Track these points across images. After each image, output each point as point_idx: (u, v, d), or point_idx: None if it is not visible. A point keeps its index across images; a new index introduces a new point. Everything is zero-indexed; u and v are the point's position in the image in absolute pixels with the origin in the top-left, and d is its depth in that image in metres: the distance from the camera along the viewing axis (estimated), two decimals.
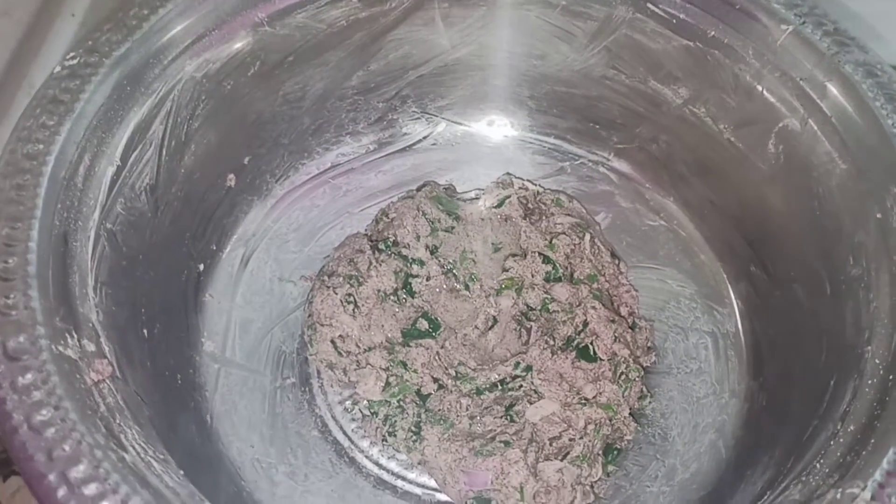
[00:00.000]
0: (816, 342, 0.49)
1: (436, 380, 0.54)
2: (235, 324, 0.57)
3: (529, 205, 0.61)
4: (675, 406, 0.55)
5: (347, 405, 0.55)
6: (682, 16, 0.55)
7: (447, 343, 0.55)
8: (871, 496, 0.36)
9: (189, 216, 0.56)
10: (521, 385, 0.53)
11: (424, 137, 0.66)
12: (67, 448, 0.36)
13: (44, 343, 0.39)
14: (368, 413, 0.54)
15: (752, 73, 0.53)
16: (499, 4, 0.59)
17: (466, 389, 0.53)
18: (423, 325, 0.55)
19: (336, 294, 0.55)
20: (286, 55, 0.57)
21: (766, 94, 0.53)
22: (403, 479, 0.52)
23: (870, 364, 0.43)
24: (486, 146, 0.67)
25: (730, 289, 0.60)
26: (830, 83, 0.50)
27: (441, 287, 0.58)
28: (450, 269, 0.58)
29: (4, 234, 0.41)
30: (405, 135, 0.66)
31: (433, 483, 0.52)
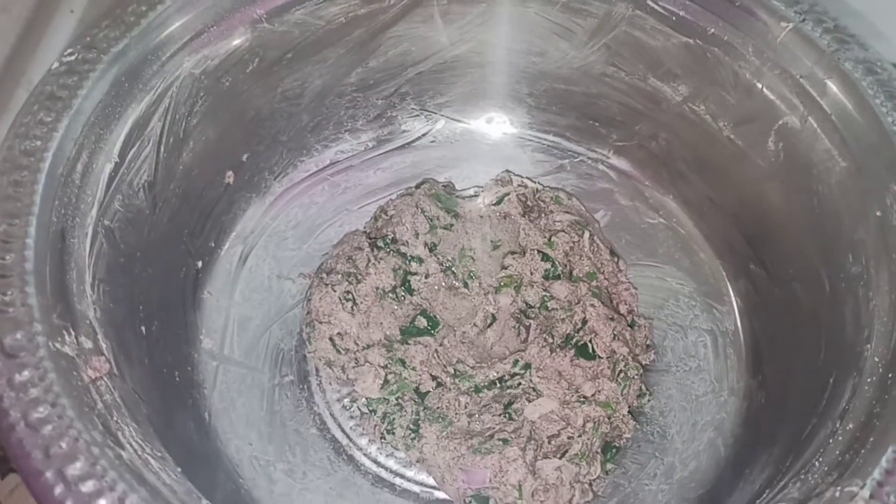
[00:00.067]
0: (816, 340, 0.49)
1: (434, 377, 0.53)
2: (234, 321, 0.57)
3: (528, 202, 0.61)
4: (674, 404, 0.55)
5: (346, 403, 0.55)
6: (682, 13, 0.55)
7: (446, 341, 0.55)
8: (870, 494, 0.36)
9: (187, 213, 0.56)
10: (520, 383, 0.52)
11: (423, 135, 0.66)
12: (64, 445, 0.36)
13: (41, 340, 0.39)
14: (367, 411, 0.54)
15: (752, 71, 0.53)
16: (498, 1, 0.59)
17: (465, 387, 0.53)
18: (422, 323, 0.55)
19: (335, 291, 0.55)
20: (285, 52, 0.57)
21: (766, 92, 0.53)
22: (402, 477, 0.52)
23: (869, 362, 0.43)
24: (486, 143, 0.66)
25: (729, 287, 0.59)
26: (830, 80, 0.50)
27: (440, 285, 0.57)
28: (448, 267, 0.58)
29: (1, 231, 0.41)
30: (404, 132, 0.66)
31: (431, 481, 0.52)
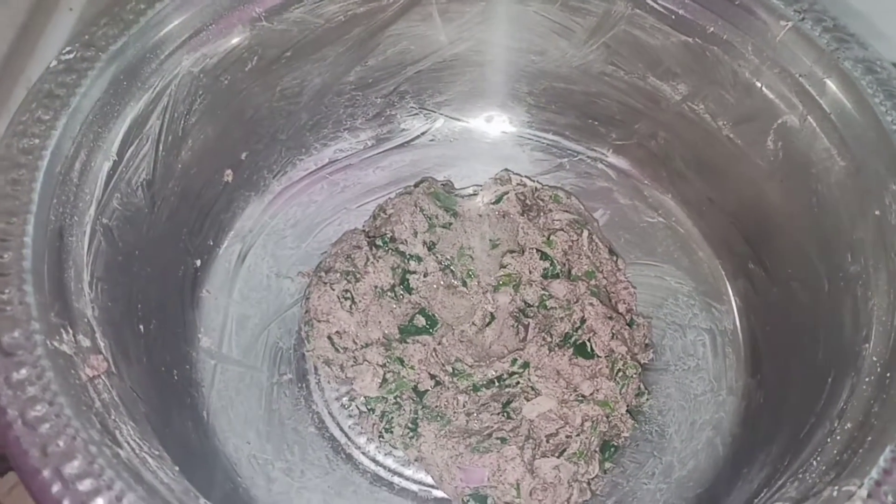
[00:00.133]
0: (814, 340, 0.49)
1: (433, 376, 0.53)
2: (232, 320, 0.57)
3: (527, 201, 0.61)
4: (673, 403, 0.55)
5: (344, 401, 0.55)
6: (681, 12, 0.55)
7: (444, 339, 0.55)
8: (868, 494, 0.36)
9: (186, 212, 0.56)
10: (518, 382, 0.52)
11: (422, 133, 0.66)
12: (62, 444, 0.36)
13: (39, 338, 0.39)
14: (365, 409, 0.54)
15: (752, 70, 0.53)
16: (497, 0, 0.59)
17: (463, 386, 0.53)
18: (421, 322, 0.55)
19: (333, 290, 0.55)
20: (284, 50, 0.57)
21: (765, 91, 0.53)
22: (400, 476, 0.52)
23: (867, 362, 0.43)
24: (485, 142, 0.66)
25: (728, 286, 0.59)
26: (830, 80, 0.50)
27: (438, 283, 0.57)
28: (447, 266, 0.58)
29: (0, 229, 0.41)
30: (403, 131, 0.66)
31: (430, 480, 0.52)
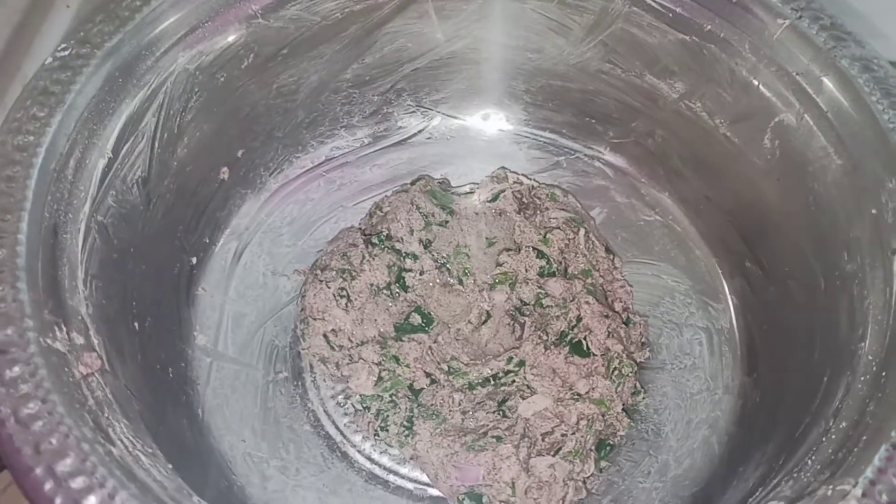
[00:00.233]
0: (810, 338, 0.49)
1: (428, 374, 0.53)
2: (228, 317, 0.57)
3: (524, 199, 0.61)
4: (669, 402, 0.55)
5: (340, 400, 0.55)
6: (679, 9, 0.55)
7: (440, 338, 0.55)
8: (862, 493, 0.36)
9: (182, 209, 0.56)
10: (514, 380, 0.52)
11: (420, 131, 0.66)
12: (54, 442, 0.36)
13: (32, 336, 0.39)
14: (361, 408, 0.54)
15: (749, 68, 0.53)
16: None
17: (459, 384, 0.53)
18: (416, 320, 0.55)
19: (329, 288, 0.55)
20: (280, 48, 0.57)
21: (763, 89, 0.53)
22: (395, 474, 0.52)
23: (863, 360, 0.43)
24: (482, 140, 0.66)
25: (725, 284, 0.59)
26: (827, 78, 0.50)
27: (434, 281, 0.57)
28: (443, 264, 0.58)
29: None
30: (400, 128, 0.66)
31: (425, 478, 0.52)
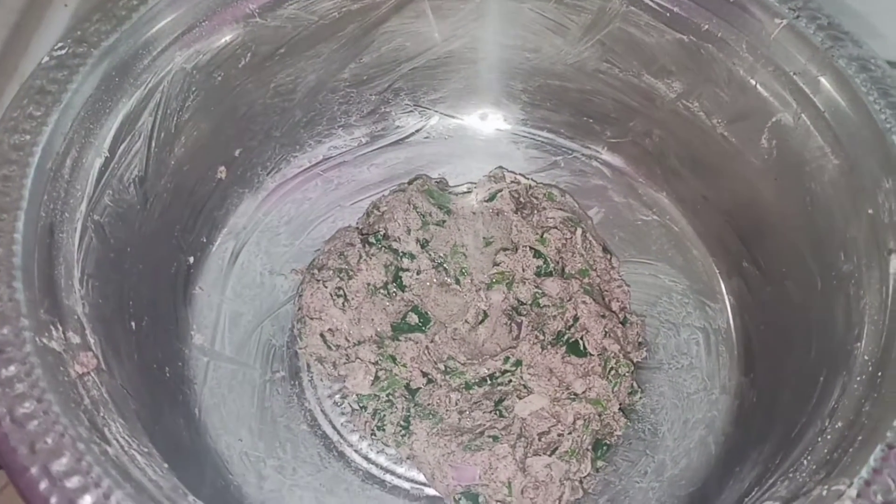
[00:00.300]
0: (807, 338, 0.49)
1: (425, 374, 0.53)
2: (225, 317, 0.57)
3: (521, 199, 0.61)
4: (666, 402, 0.55)
5: (337, 399, 0.55)
6: (676, 9, 0.54)
7: (437, 337, 0.55)
8: (857, 493, 0.36)
9: (179, 208, 0.56)
10: (511, 380, 0.52)
11: (417, 131, 0.66)
12: (50, 441, 0.36)
13: (28, 335, 0.39)
14: (357, 407, 0.54)
15: (746, 68, 0.53)
16: None
17: (456, 384, 0.53)
18: (413, 319, 0.55)
19: (326, 287, 0.55)
20: (277, 47, 0.57)
21: (760, 89, 0.53)
22: (392, 474, 0.52)
23: (859, 361, 0.42)
24: (479, 140, 0.66)
25: (722, 284, 0.59)
26: (824, 77, 0.50)
27: (431, 281, 0.57)
28: (440, 263, 0.58)
29: None
30: (398, 128, 0.66)
31: (422, 477, 0.52)
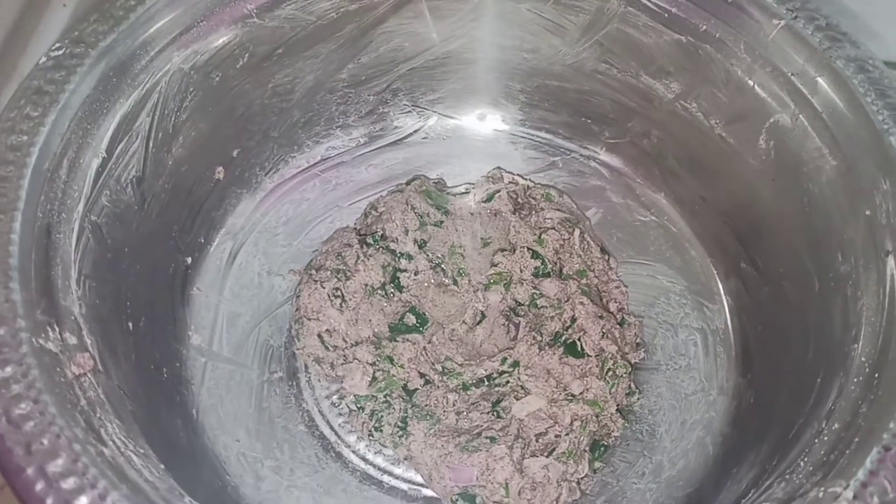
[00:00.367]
0: (804, 339, 0.49)
1: (422, 375, 0.53)
2: (223, 317, 0.57)
3: (519, 199, 0.61)
4: (664, 403, 0.55)
5: (335, 400, 0.55)
6: (674, 10, 0.54)
7: (434, 338, 0.55)
8: (854, 495, 0.36)
9: (177, 209, 0.56)
10: (508, 381, 0.52)
11: (415, 131, 0.66)
12: (46, 442, 0.36)
13: (24, 336, 0.39)
14: (355, 408, 0.54)
15: (744, 68, 0.53)
16: None
17: (453, 385, 0.53)
18: (411, 320, 0.55)
19: (323, 288, 0.55)
20: (275, 47, 0.57)
21: (758, 89, 0.53)
22: (389, 475, 0.52)
23: (856, 362, 0.42)
24: (478, 140, 0.66)
25: (720, 285, 0.59)
26: (821, 78, 0.50)
27: (429, 282, 0.57)
28: (438, 264, 0.58)
29: None
30: (396, 128, 0.66)
31: (419, 478, 0.52)
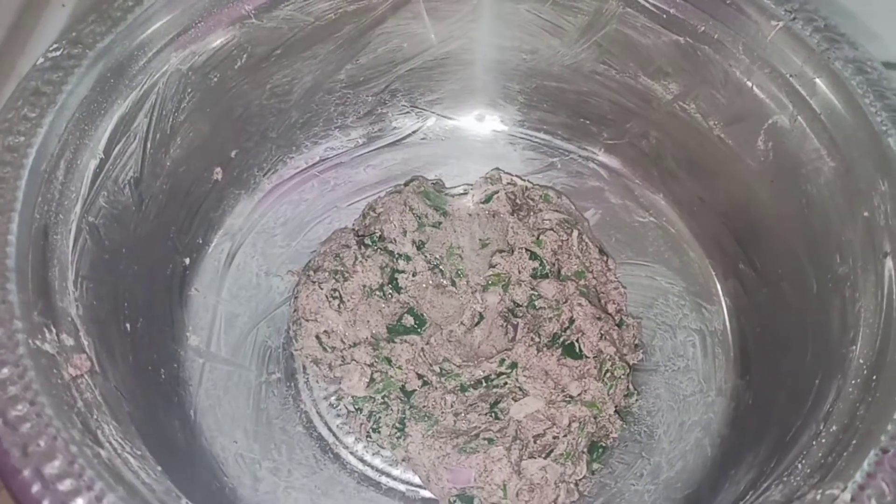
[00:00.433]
0: (802, 341, 0.49)
1: (420, 376, 0.53)
2: (221, 318, 0.57)
3: (517, 200, 0.61)
4: (662, 404, 0.55)
5: (333, 401, 0.54)
6: (673, 11, 0.54)
7: (432, 339, 0.55)
8: (851, 498, 0.36)
9: (175, 210, 0.56)
10: (506, 382, 0.52)
11: (414, 132, 0.66)
12: (42, 444, 0.36)
13: (21, 337, 0.38)
14: (353, 409, 0.53)
15: (742, 69, 0.53)
16: None
17: (451, 386, 0.53)
18: (409, 321, 0.55)
19: (321, 289, 0.55)
20: (274, 48, 0.57)
21: (756, 91, 0.53)
22: (388, 476, 0.52)
23: (854, 364, 0.42)
24: (476, 141, 0.66)
25: (718, 286, 0.59)
26: (820, 80, 0.49)
27: (427, 283, 0.57)
28: (436, 265, 0.58)
29: None
30: (394, 129, 0.66)
31: (417, 480, 0.52)
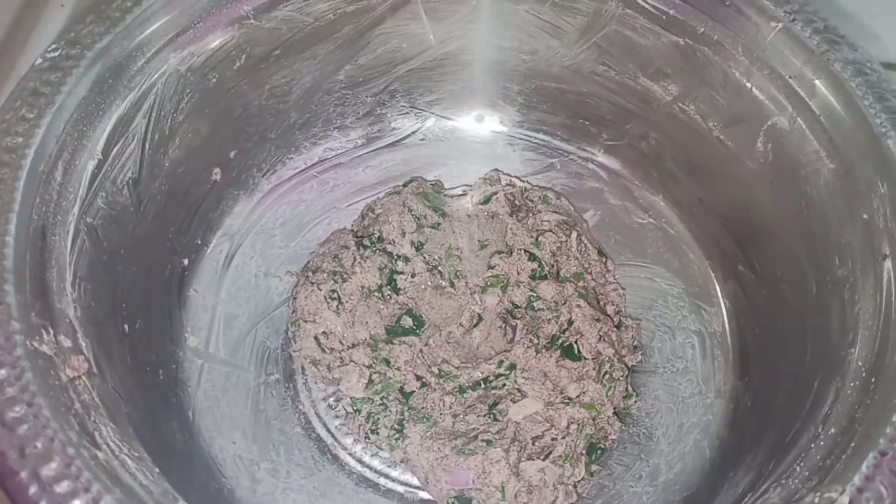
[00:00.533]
0: (801, 343, 0.49)
1: (419, 377, 0.53)
2: (220, 319, 0.57)
3: (516, 201, 0.61)
4: (661, 405, 0.55)
5: (331, 402, 0.54)
6: (672, 12, 0.54)
7: (431, 340, 0.55)
8: (850, 501, 0.36)
9: (173, 210, 0.56)
10: (505, 384, 0.52)
11: (413, 132, 0.66)
12: (40, 445, 0.36)
13: (18, 338, 0.38)
14: (352, 410, 0.53)
15: (742, 71, 0.53)
16: None
17: (450, 387, 0.53)
18: (408, 323, 0.55)
19: (320, 290, 0.55)
20: (273, 48, 0.57)
21: (756, 92, 0.53)
22: (386, 477, 0.52)
23: (853, 366, 0.42)
24: (475, 142, 0.66)
25: (717, 288, 0.59)
26: (819, 81, 0.49)
27: (426, 284, 0.57)
28: (435, 266, 0.58)
29: None
30: (394, 130, 0.66)
31: (416, 481, 0.52)
